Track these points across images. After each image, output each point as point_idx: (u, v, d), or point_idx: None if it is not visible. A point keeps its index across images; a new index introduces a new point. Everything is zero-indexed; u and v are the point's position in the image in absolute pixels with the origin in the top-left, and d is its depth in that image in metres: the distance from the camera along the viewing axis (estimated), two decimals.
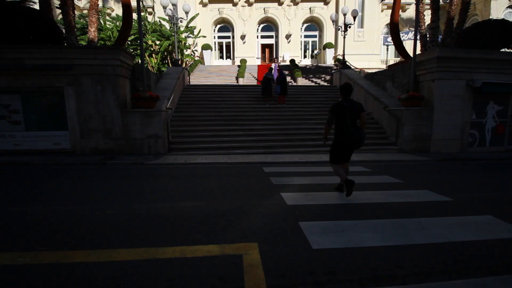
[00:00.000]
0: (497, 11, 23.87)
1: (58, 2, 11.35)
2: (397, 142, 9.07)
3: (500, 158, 8.22)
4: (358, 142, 3.83)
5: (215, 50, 27.33)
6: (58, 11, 12.72)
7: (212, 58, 26.14)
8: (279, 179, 5.19)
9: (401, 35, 15.53)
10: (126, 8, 8.79)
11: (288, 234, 2.77)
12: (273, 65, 12.55)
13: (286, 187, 4.58)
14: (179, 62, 14.53)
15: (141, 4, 8.72)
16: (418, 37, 10.28)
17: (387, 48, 24.89)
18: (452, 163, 7.53)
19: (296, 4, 25.88)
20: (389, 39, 17.64)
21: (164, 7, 13.40)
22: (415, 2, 10.17)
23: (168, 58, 20.68)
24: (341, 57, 19.01)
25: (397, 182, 5.07)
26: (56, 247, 2.51)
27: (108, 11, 25.95)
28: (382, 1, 16.03)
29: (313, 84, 17.64)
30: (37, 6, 10.48)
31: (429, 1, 12.29)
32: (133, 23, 13.98)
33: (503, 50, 10.07)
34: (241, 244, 2.54)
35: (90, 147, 7.94)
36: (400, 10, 18.06)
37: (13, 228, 2.97)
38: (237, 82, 18.18)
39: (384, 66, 24.10)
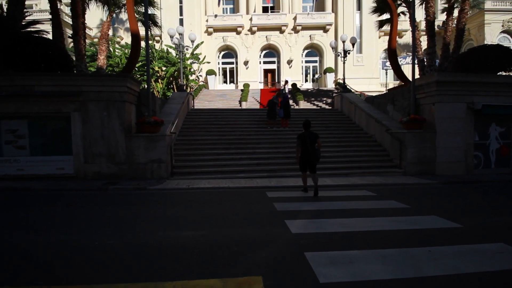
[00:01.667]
0: (491, 36, 24.68)
1: (71, 32, 12.02)
2: (401, 164, 8.99)
3: (506, 180, 8.07)
4: (316, 158, 5.97)
5: (219, 75, 28.18)
6: (70, 39, 13.42)
7: (216, 83, 26.89)
8: (283, 204, 5.10)
9: (399, 59, 16.00)
10: (135, 37, 9.21)
11: (294, 266, 2.67)
12: (286, 89, 12.88)
13: (291, 214, 4.48)
14: (184, 87, 14.94)
15: (149, 33, 9.16)
16: (415, 62, 10.57)
17: (386, 72, 25.52)
18: (458, 186, 7.39)
19: (296, 32, 27.04)
20: (388, 63, 18.14)
21: (171, 36, 14.05)
22: (411, 29, 10.58)
23: (174, 83, 21.31)
24: (341, 81, 19.47)
25: (403, 208, 4.96)
26: (53, 281, 2.43)
27: (118, 39, 27.24)
28: (379, 28, 16.67)
29: (315, 107, 17.90)
30: (50, 35, 11.09)
31: (425, 28, 12.81)
32: (141, 50, 14.59)
33: (500, 73, 10.28)
34: (245, 278, 2.44)
35: (93, 171, 7.96)
36: (397, 36, 18.77)
37: (9, 259, 2.90)
38: (240, 105, 18.53)
39: (384, 89, 24.55)
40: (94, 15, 21.19)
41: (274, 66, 28.39)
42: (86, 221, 4.26)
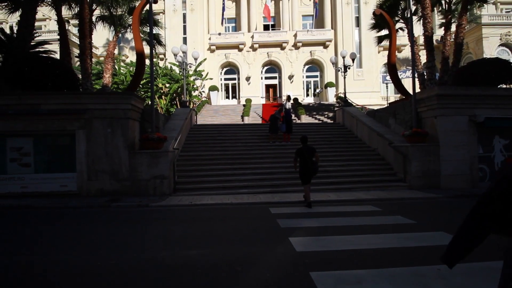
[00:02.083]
0: (490, 49, 24.97)
1: (78, 51, 12.43)
2: (406, 178, 8.89)
3: None
4: (314, 171, 6.31)
5: (221, 90, 28.62)
6: (77, 58, 13.86)
7: (218, 98, 27.26)
8: (287, 221, 5.03)
9: (399, 74, 16.19)
10: (140, 56, 9.48)
11: (299, 287, 2.59)
12: (288, 105, 13.12)
13: (295, 231, 4.40)
14: (187, 103, 15.16)
15: (153, 52, 9.43)
16: (415, 75, 10.70)
17: (387, 86, 25.76)
18: (464, 200, 7.24)
19: (297, 48, 27.64)
20: (388, 77, 18.35)
21: (175, 54, 14.42)
22: (410, 45, 10.78)
23: (177, 99, 21.64)
24: (342, 95, 19.66)
25: (410, 223, 4.85)
26: None
27: (123, 57, 28.01)
28: (378, 44, 17.01)
29: (316, 121, 18.00)
30: (58, 55, 11.47)
31: (423, 43, 13.05)
32: (146, 68, 15.05)
33: (500, 86, 10.33)
34: None
35: (96, 188, 7.95)
36: (396, 51, 19.09)
37: (9, 280, 2.85)
38: (243, 120, 18.68)
39: (385, 103, 24.69)
40: (101, 35, 21.90)
41: (275, 81, 28.82)
42: (88, 240, 4.22)
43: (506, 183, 1.04)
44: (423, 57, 14.26)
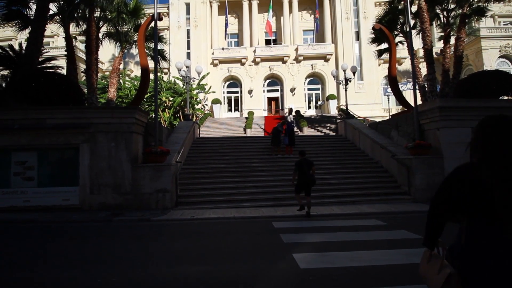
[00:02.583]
0: (490, 61, 25.16)
1: (84, 67, 12.75)
2: (410, 191, 8.77)
3: None
4: (312, 182, 6.68)
5: (224, 103, 28.93)
6: (83, 73, 14.19)
7: (221, 111, 27.51)
8: (290, 236, 4.95)
9: (400, 86, 16.30)
10: (144, 71, 9.68)
11: None
12: (290, 118, 13.26)
13: (298, 246, 4.33)
14: (190, 116, 15.32)
15: (158, 67, 9.64)
16: (416, 87, 10.78)
17: (388, 98, 25.85)
18: None
19: (298, 62, 28.10)
20: (389, 89, 18.47)
21: (179, 69, 14.71)
22: (410, 58, 10.92)
23: (180, 113, 21.88)
24: (344, 107, 19.75)
25: (416, 238, 4.74)
26: None
27: (128, 72, 28.61)
28: (378, 57, 17.25)
29: (319, 133, 18.00)
30: (65, 70, 11.76)
31: (423, 56, 13.22)
32: (150, 82, 15.32)
33: (502, 98, 10.34)
34: None
35: (98, 202, 7.93)
36: (396, 64, 19.33)
37: None
38: (245, 133, 18.73)
39: (386, 114, 24.72)
40: (107, 50, 22.47)
41: (277, 94, 29.13)
42: (88, 256, 4.17)
43: (446, 185, 1.38)
44: (423, 69, 14.40)
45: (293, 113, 16.87)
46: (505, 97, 10.41)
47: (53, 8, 11.20)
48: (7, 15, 10.67)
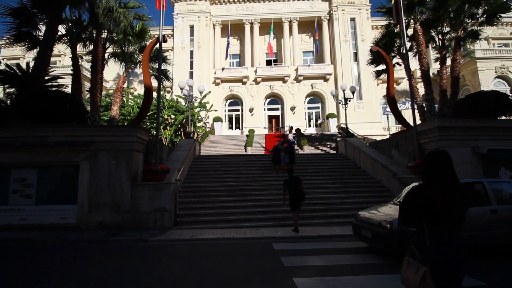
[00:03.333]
0: (486, 81, 25.62)
1: (89, 85, 13.03)
2: None
3: None
4: (302, 198, 7.24)
5: (225, 121, 29.23)
6: (88, 91, 14.47)
7: (222, 129, 27.73)
8: (291, 259, 4.82)
9: (398, 105, 16.52)
10: (148, 90, 9.87)
11: None
12: (290, 136, 13.36)
13: (299, 270, 4.20)
14: (191, 134, 15.43)
15: (161, 85, 9.86)
16: (415, 107, 10.92)
17: (387, 117, 26.14)
18: None
19: (298, 81, 28.70)
20: (388, 109, 18.71)
21: (181, 88, 15.00)
22: (407, 78, 11.14)
23: (181, 130, 22.06)
24: (344, 126, 19.91)
25: None
26: None
27: (131, 90, 29.20)
28: (376, 78, 17.63)
29: (319, 151, 18.02)
30: (70, 88, 12.01)
31: (420, 76, 13.51)
32: (152, 101, 15.61)
33: (501, 118, 10.44)
34: None
35: (96, 221, 7.80)
36: (395, 84, 19.69)
37: None
38: (246, 151, 18.77)
39: (386, 133, 24.85)
40: (112, 69, 23.08)
41: (278, 113, 29.49)
42: (82, 281, 4.04)
43: (405, 201, 1.98)
44: (421, 89, 14.65)
45: (294, 131, 17.02)
46: (503, 117, 10.51)
47: (61, 29, 11.63)
48: (17, 35, 11.06)
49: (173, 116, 21.93)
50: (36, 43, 11.27)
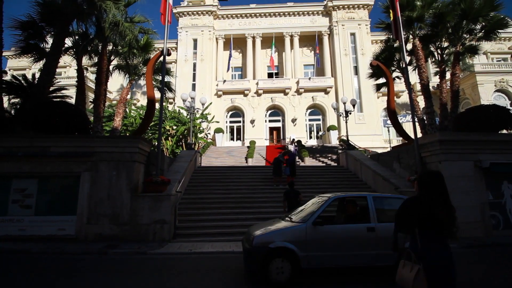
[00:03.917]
0: (486, 95, 25.78)
1: (93, 96, 13.20)
2: None
3: None
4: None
5: (226, 132, 29.37)
6: (91, 102, 14.63)
7: (223, 140, 27.82)
8: None
9: (399, 118, 16.59)
10: (151, 102, 10.00)
11: None
12: (292, 148, 13.36)
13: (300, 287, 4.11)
14: (193, 145, 15.47)
15: (164, 97, 9.99)
16: (416, 120, 10.97)
17: (388, 129, 26.20)
18: (481, 250, 6.81)
19: (299, 94, 29.00)
20: (389, 121, 18.79)
21: (184, 100, 15.17)
22: (407, 92, 11.26)
23: (183, 141, 22.13)
24: (345, 138, 19.94)
25: None
26: None
27: (134, 101, 29.54)
28: (377, 91, 17.81)
29: (320, 163, 17.97)
30: (74, 99, 12.17)
31: (420, 90, 13.63)
32: (155, 112, 15.73)
33: (502, 131, 10.45)
34: None
35: (95, 233, 7.71)
36: (395, 97, 19.85)
37: None
38: (247, 162, 18.75)
39: (387, 145, 24.84)
40: (116, 81, 23.41)
41: (279, 124, 29.64)
42: None
43: (402, 210, 2.43)
44: (421, 102, 14.76)
45: (295, 143, 17.07)
46: (504, 131, 10.52)
47: (68, 42, 11.91)
48: (25, 48, 11.33)
49: (174, 127, 22.07)
50: (43, 55, 11.52)
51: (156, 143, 9.93)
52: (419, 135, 11.30)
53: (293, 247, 4.30)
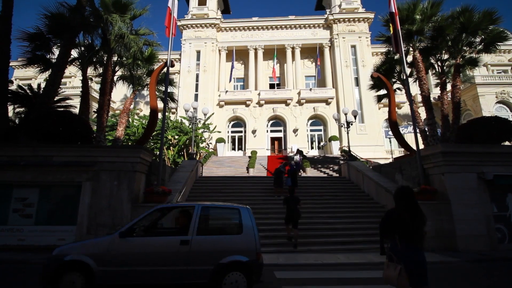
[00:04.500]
0: (488, 106, 25.81)
1: (97, 106, 13.34)
2: None
3: None
4: (297, 216, 7.90)
5: (228, 142, 29.45)
6: (95, 112, 14.78)
7: (225, 150, 27.87)
8: None
9: (400, 129, 16.60)
10: (153, 113, 10.08)
11: None
12: (296, 158, 13.30)
13: None
14: (194, 155, 15.49)
15: (166, 107, 10.09)
16: (417, 131, 10.93)
17: (390, 140, 26.18)
18: (487, 265, 6.66)
19: (301, 104, 29.20)
20: (390, 132, 18.79)
21: (186, 110, 15.29)
22: (408, 103, 11.30)
23: (184, 151, 22.17)
24: (346, 149, 19.91)
25: None
26: None
27: (137, 111, 29.82)
28: (377, 102, 17.89)
29: (322, 174, 17.88)
30: (78, 109, 12.30)
31: (421, 101, 13.67)
32: (157, 122, 15.86)
33: (504, 143, 10.37)
34: None
35: None
36: (396, 108, 19.95)
37: None
38: (248, 172, 18.70)
39: (389, 156, 24.75)
40: (120, 90, 23.74)
41: (280, 135, 29.72)
42: None
43: (384, 220, 3.05)
44: (422, 113, 14.77)
45: (289, 152, 17.02)
46: (507, 142, 10.45)
47: (73, 53, 12.16)
48: (31, 59, 11.56)
49: (176, 137, 22.16)
50: (49, 65, 11.75)
51: (158, 153, 9.92)
52: (421, 146, 11.26)
53: (90, 260, 4.03)
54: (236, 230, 4.65)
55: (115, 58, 13.69)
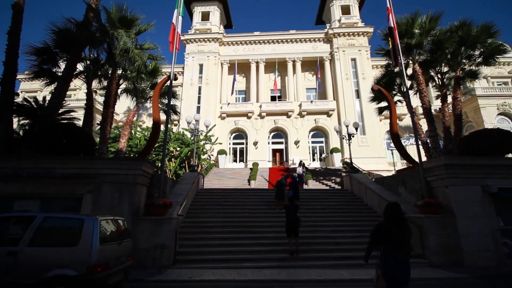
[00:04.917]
0: (489, 118, 25.78)
1: (100, 118, 13.48)
2: (425, 253, 8.18)
3: None
4: (297, 225, 8.06)
5: (229, 154, 29.44)
6: (98, 125, 14.92)
7: (226, 161, 27.82)
8: None
9: (402, 141, 16.54)
10: (156, 125, 10.15)
11: None
12: (300, 170, 13.24)
13: None
14: (195, 167, 15.47)
15: (169, 119, 10.17)
16: (419, 143, 10.87)
17: (392, 152, 26.07)
18: (495, 282, 6.47)
19: (302, 116, 29.35)
20: (392, 144, 18.73)
21: (188, 123, 15.40)
22: (410, 115, 11.31)
23: (186, 163, 22.16)
24: (348, 161, 19.81)
25: None
26: None
27: (140, 123, 30.08)
28: (379, 114, 17.95)
29: (324, 186, 17.72)
30: (82, 121, 12.42)
31: (422, 113, 13.70)
32: (160, 134, 15.95)
33: (507, 156, 10.29)
34: None
35: None
36: (397, 119, 19.92)
37: None
38: (249, 184, 18.58)
39: (392, 168, 24.57)
40: (123, 103, 24.04)
41: (282, 146, 29.71)
42: None
43: (373, 232, 3.56)
44: (424, 125, 14.77)
45: (290, 164, 16.94)
46: (510, 155, 10.37)
47: (79, 66, 12.42)
48: (38, 72, 11.81)
49: (178, 149, 22.21)
50: (55, 79, 11.96)
51: (160, 165, 9.92)
52: (424, 158, 11.18)
53: None
54: (72, 241, 4.37)
55: (119, 72, 13.95)
